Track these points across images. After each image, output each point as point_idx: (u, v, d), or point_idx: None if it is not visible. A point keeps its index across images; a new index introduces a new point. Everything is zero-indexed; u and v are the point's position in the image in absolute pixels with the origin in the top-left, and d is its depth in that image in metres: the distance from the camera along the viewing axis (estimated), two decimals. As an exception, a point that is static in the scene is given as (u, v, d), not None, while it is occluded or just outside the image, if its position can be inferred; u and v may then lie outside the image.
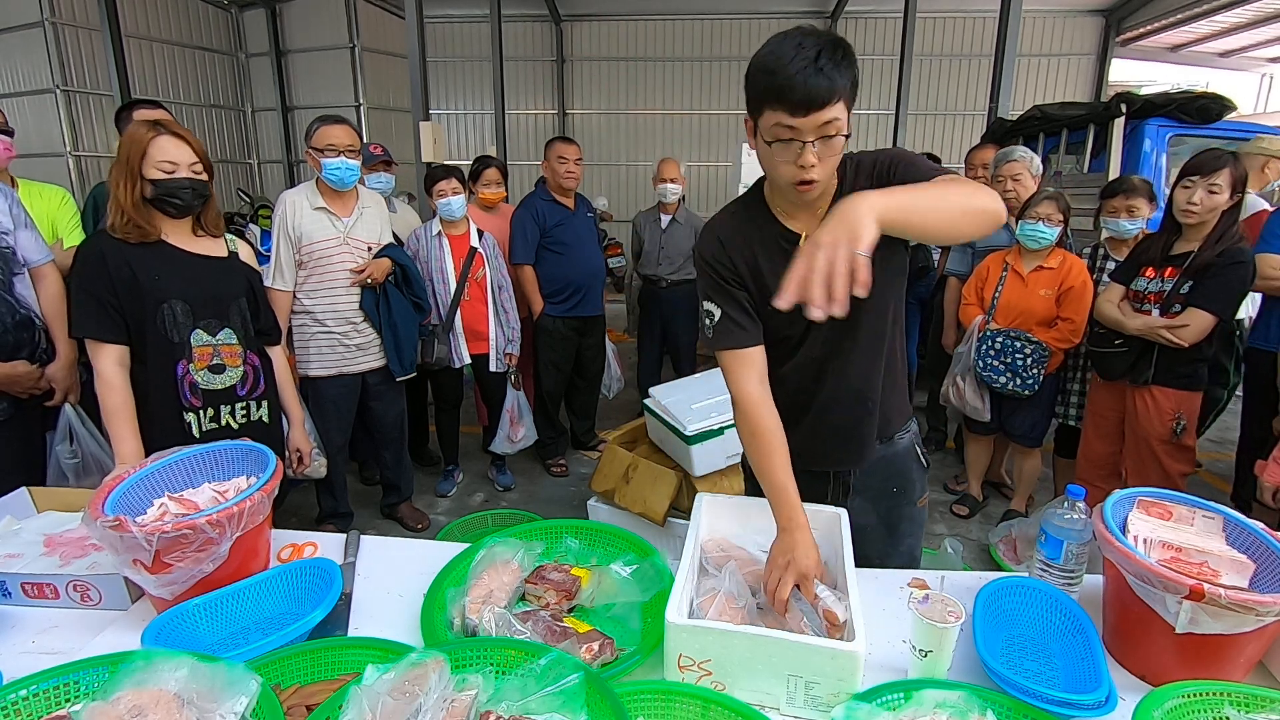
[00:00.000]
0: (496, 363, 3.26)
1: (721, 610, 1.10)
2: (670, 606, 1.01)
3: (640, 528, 2.37)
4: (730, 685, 1.00)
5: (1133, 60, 9.44)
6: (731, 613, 1.10)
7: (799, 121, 1.06)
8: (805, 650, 0.95)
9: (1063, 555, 1.17)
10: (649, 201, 4.18)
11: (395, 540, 1.46)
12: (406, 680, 0.84)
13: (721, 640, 0.98)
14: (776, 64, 1.05)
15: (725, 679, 1.00)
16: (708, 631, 0.99)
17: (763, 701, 0.98)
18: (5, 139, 2.27)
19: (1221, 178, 2.21)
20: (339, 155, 2.47)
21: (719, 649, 0.98)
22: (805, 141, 1.07)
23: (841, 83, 1.04)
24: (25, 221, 2.00)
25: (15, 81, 7.04)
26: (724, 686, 1.00)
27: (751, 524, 1.34)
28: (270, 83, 8.77)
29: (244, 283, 1.82)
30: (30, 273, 1.98)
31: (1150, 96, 4.00)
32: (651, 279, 4.01)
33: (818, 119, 1.05)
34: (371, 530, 2.51)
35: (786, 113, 1.06)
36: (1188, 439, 2.41)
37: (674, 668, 1.01)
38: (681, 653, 1.00)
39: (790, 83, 1.04)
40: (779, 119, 1.07)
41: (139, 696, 0.82)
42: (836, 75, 1.04)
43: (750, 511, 1.34)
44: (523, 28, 9.13)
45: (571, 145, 3.45)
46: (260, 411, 1.86)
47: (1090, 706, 0.89)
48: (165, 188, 1.62)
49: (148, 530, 1.04)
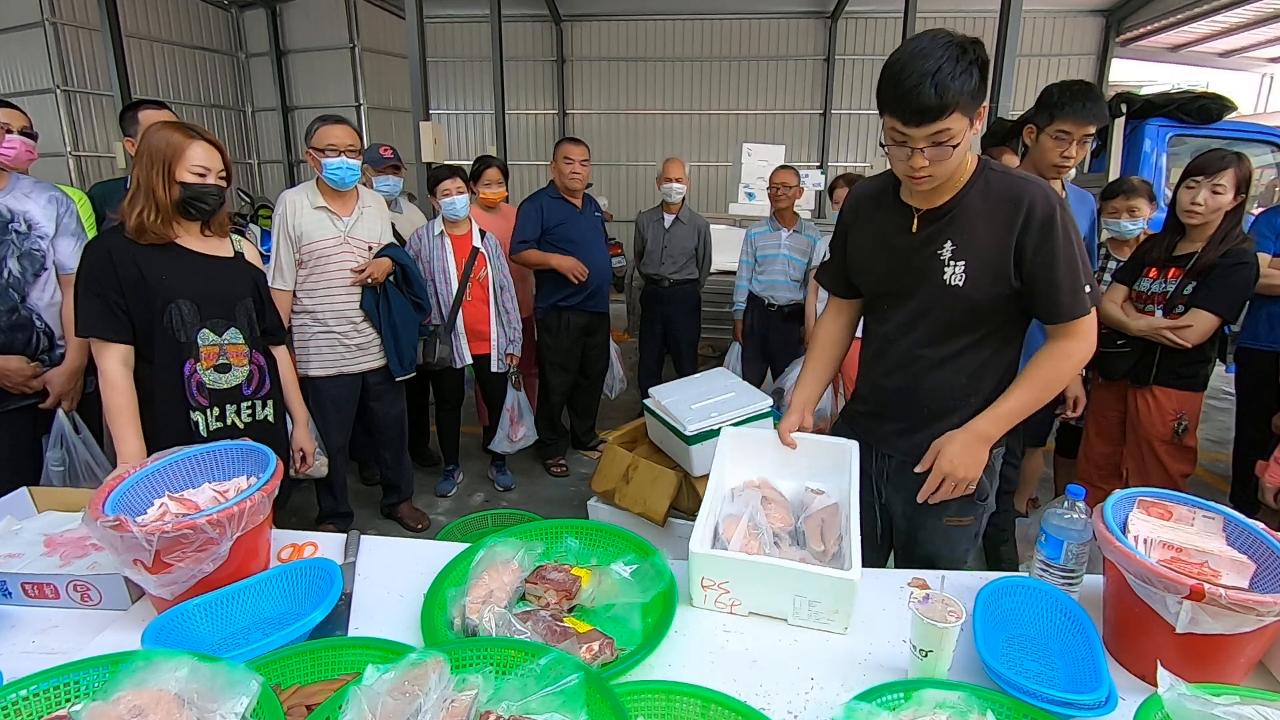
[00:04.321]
0: (498, 363, 3.26)
1: (744, 536, 1.30)
2: (694, 537, 1.20)
3: (640, 527, 2.36)
4: (744, 601, 1.19)
5: (1133, 60, 9.43)
6: (750, 540, 1.31)
7: (910, 130, 1.18)
8: (810, 577, 1.13)
9: (1063, 555, 1.17)
10: (649, 201, 4.18)
11: (395, 540, 1.46)
12: (406, 680, 0.84)
13: (739, 567, 1.18)
14: (898, 74, 1.15)
15: (741, 596, 1.19)
16: (726, 559, 1.18)
17: (772, 613, 1.18)
18: (28, 141, 2.34)
19: (1226, 178, 2.21)
20: (340, 155, 2.47)
21: (736, 573, 1.18)
22: (915, 148, 1.19)
23: (958, 96, 1.13)
24: (74, 231, 2.07)
25: (15, 81, 7.04)
26: (739, 602, 1.19)
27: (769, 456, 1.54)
28: (270, 83, 8.77)
29: (250, 283, 1.83)
30: (60, 279, 2.03)
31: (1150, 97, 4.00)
32: (654, 278, 4.01)
33: (928, 130, 1.16)
34: (371, 530, 2.50)
35: (900, 121, 1.18)
36: (1189, 439, 2.41)
37: (698, 588, 1.20)
38: (704, 575, 1.19)
39: (904, 96, 1.14)
40: (894, 125, 1.20)
41: (139, 696, 0.82)
42: (952, 88, 1.12)
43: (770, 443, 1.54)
44: (523, 28, 9.12)
45: (579, 146, 3.46)
46: (265, 411, 1.87)
47: (1090, 706, 0.89)
48: (195, 191, 1.65)
49: (148, 530, 1.04)
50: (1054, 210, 1.24)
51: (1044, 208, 1.24)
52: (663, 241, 3.94)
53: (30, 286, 1.96)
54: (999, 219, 1.27)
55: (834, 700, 0.97)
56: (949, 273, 1.31)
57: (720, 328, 4.93)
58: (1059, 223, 1.24)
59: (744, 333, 3.88)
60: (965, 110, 1.16)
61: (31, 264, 1.96)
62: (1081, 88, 1.94)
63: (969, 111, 1.17)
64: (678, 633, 1.13)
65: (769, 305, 3.73)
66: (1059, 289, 1.26)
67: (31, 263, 1.96)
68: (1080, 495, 1.18)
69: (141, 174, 1.62)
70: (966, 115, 1.17)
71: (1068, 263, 1.25)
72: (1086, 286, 1.28)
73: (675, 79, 9.25)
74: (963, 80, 1.12)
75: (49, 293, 2.01)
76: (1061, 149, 1.98)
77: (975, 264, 1.29)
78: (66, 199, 2.09)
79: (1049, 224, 1.24)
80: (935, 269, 1.33)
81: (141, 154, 1.62)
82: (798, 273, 3.68)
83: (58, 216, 2.03)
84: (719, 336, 5.02)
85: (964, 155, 1.25)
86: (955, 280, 1.31)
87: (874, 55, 8.79)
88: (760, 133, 9.08)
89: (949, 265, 1.31)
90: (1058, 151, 1.99)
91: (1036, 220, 1.24)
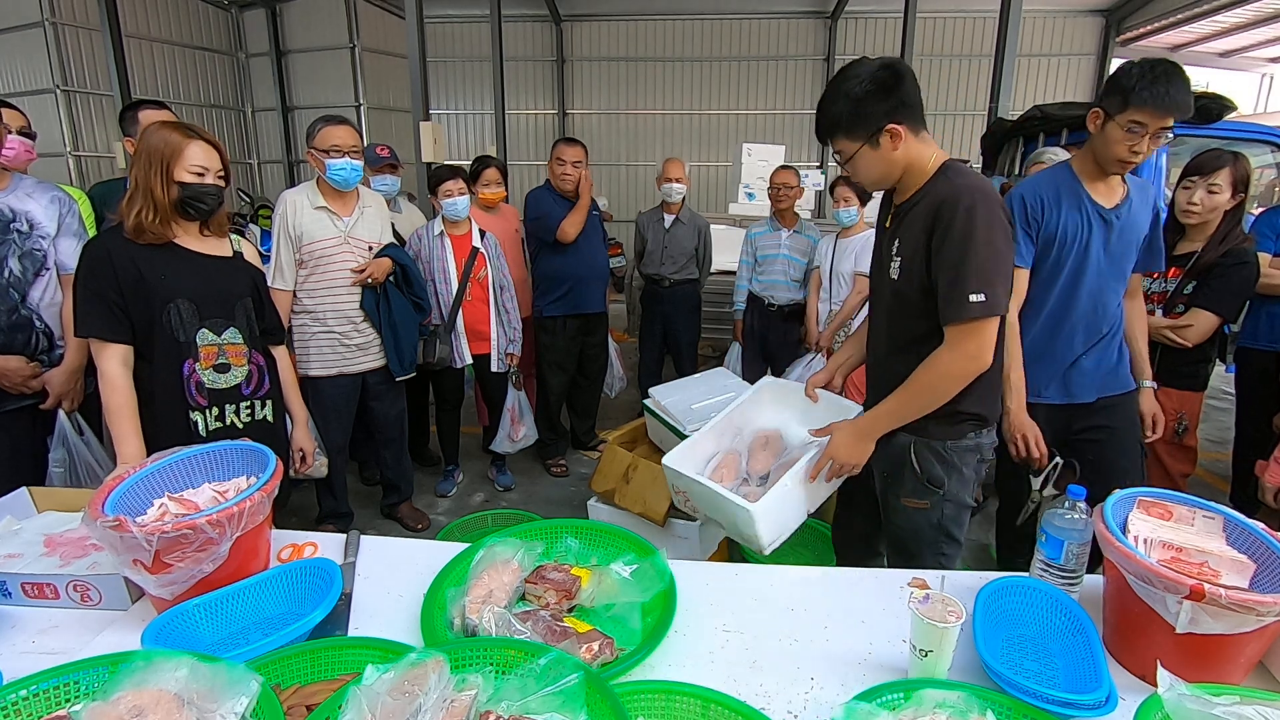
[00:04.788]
0: (498, 363, 3.26)
1: (722, 461, 1.72)
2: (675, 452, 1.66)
3: (640, 527, 2.36)
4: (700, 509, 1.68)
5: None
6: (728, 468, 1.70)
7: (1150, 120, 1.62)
8: (723, 500, 1.49)
9: (1063, 555, 1.16)
10: (649, 201, 4.18)
11: (395, 540, 1.46)
12: (406, 680, 0.84)
13: (689, 483, 1.59)
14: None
15: (696, 505, 1.68)
16: (682, 476, 1.60)
17: (720, 522, 1.62)
18: (26, 141, 2.33)
19: (1221, 177, 2.22)
20: (344, 156, 2.48)
21: (688, 488, 1.61)
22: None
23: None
24: (75, 231, 2.07)
25: (15, 81, 7.05)
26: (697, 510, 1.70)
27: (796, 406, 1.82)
28: (270, 83, 8.78)
29: (249, 282, 1.83)
30: (61, 279, 2.03)
31: (1150, 96, 3.99)
32: (654, 278, 4.01)
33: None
34: (371, 530, 2.51)
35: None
36: (1189, 439, 2.41)
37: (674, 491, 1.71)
38: (673, 484, 1.67)
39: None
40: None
41: (139, 696, 0.82)
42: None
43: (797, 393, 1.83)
44: (523, 28, 9.13)
45: (573, 147, 3.44)
46: (265, 411, 1.87)
47: (1090, 706, 0.89)
48: (193, 191, 1.65)
49: (148, 530, 1.04)
50: (957, 213, 1.28)
51: (950, 209, 1.29)
52: (663, 241, 3.94)
53: (30, 286, 1.97)
54: (924, 219, 1.35)
55: (834, 700, 0.96)
56: (893, 267, 1.45)
57: (720, 328, 4.93)
58: (959, 223, 1.28)
59: (744, 333, 3.88)
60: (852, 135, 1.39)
61: (32, 264, 1.96)
62: (1165, 69, 1.64)
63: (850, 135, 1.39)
64: (678, 633, 1.13)
65: (769, 305, 3.73)
66: (940, 283, 1.32)
67: (32, 263, 1.96)
68: (1080, 495, 1.18)
69: (140, 174, 1.62)
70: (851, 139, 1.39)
71: (952, 266, 1.29)
72: (974, 295, 1.28)
73: (675, 79, 9.26)
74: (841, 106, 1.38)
75: (49, 293, 2.01)
76: (1132, 143, 1.69)
77: (907, 260, 1.41)
78: (69, 199, 2.09)
79: (949, 226, 1.29)
80: (887, 263, 1.47)
81: (140, 154, 1.62)
82: (798, 273, 3.68)
83: (60, 216, 2.03)
84: (719, 336, 5.03)
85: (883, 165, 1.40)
86: (894, 274, 1.45)
87: (874, 55, 8.77)
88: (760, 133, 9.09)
89: (893, 260, 1.44)
90: (1127, 146, 1.70)
91: (943, 221, 1.30)
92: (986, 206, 1.29)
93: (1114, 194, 1.83)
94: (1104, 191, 1.83)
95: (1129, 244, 1.86)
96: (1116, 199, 1.83)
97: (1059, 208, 1.83)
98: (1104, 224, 1.83)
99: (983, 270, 1.27)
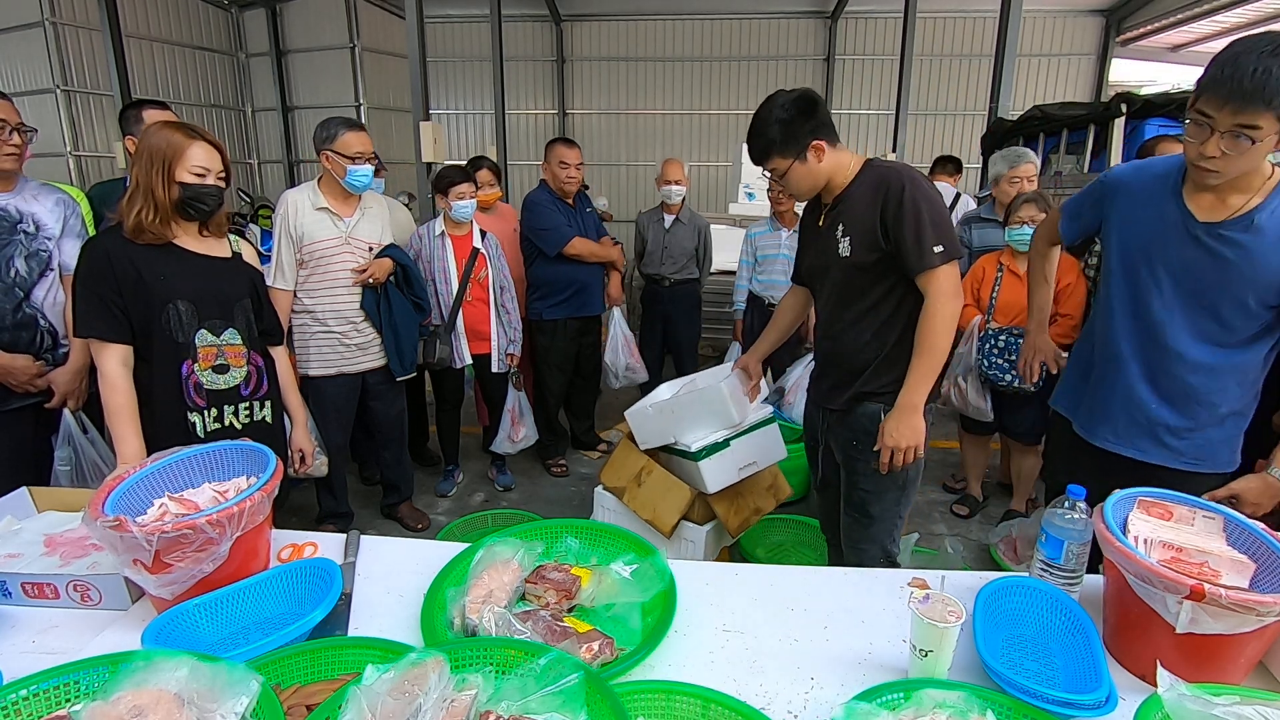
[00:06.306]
0: (498, 363, 3.26)
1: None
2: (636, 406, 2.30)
3: (640, 528, 2.36)
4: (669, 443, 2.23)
5: (1133, 60, 9.42)
6: None
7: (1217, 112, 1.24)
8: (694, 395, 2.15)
9: (1063, 555, 1.16)
10: (649, 202, 4.18)
11: (395, 540, 1.46)
12: (406, 680, 0.84)
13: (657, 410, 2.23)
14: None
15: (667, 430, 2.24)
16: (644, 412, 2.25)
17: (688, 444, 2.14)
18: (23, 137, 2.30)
19: None
20: (365, 162, 2.53)
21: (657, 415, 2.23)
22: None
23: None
24: (79, 232, 2.08)
25: (15, 81, 7.03)
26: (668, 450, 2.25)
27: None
28: (270, 83, 8.76)
29: (248, 283, 1.83)
30: (63, 280, 2.03)
31: (1150, 96, 4.00)
32: (654, 278, 4.01)
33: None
34: (371, 530, 2.51)
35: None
36: None
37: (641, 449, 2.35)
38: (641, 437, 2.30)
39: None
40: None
41: (139, 696, 0.82)
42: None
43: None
44: (523, 28, 9.12)
45: (573, 149, 3.44)
46: (264, 412, 1.87)
47: (1090, 706, 0.89)
48: (194, 191, 1.65)
49: (148, 530, 1.04)
50: (903, 185, 1.57)
51: (895, 185, 1.58)
52: (663, 242, 3.94)
53: (35, 286, 1.97)
54: (869, 199, 1.62)
55: (834, 700, 0.96)
56: (841, 246, 1.68)
57: (720, 328, 4.93)
58: (907, 194, 1.56)
59: (744, 333, 3.88)
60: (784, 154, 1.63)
61: (38, 264, 1.97)
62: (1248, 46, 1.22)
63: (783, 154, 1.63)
64: (678, 632, 1.13)
65: (769, 305, 3.73)
66: (905, 243, 1.57)
67: (38, 263, 1.97)
68: (1080, 495, 1.18)
69: (140, 174, 1.61)
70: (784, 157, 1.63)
71: (914, 224, 1.55)
72: (936, 246, 1.55)
73: (675, 79, 9.25)
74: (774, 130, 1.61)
75: (53, 292, 2.01)
76: (1198, 140, 1.30)
77: (856, 235, 1.65)
78: (72, 201, 2.11)
79: (900, 195, 1.56)
80: (834, 246, 1.69)
81: (141, 153, 1.62)
82: (798, 273, 3.68)
83: (64, 218, 2.05)
84: (719, 336, 5.03)
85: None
86: (844, 251, 1.67)
87: (874, 55, 8.79)
88: (760, 133, 9.06)
89: (841, 241, 1.67)
90: (1194, 145, 1.31)
91: (892, 195, 1.57)
92: (916, 181, 1.59)
93: (1223, 206, 1.38)
94: (1208, 202, 1.39)
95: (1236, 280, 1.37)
96: (1225, 213, 1.38)
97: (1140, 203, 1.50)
98: (1193, 242, 1.40)
99: (938, 225, 1.56)
